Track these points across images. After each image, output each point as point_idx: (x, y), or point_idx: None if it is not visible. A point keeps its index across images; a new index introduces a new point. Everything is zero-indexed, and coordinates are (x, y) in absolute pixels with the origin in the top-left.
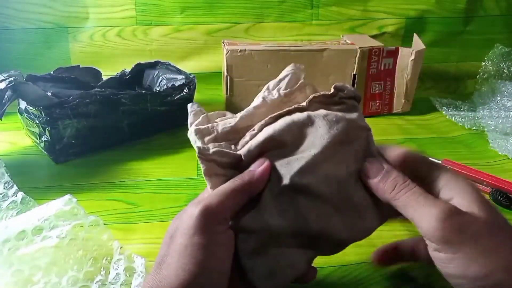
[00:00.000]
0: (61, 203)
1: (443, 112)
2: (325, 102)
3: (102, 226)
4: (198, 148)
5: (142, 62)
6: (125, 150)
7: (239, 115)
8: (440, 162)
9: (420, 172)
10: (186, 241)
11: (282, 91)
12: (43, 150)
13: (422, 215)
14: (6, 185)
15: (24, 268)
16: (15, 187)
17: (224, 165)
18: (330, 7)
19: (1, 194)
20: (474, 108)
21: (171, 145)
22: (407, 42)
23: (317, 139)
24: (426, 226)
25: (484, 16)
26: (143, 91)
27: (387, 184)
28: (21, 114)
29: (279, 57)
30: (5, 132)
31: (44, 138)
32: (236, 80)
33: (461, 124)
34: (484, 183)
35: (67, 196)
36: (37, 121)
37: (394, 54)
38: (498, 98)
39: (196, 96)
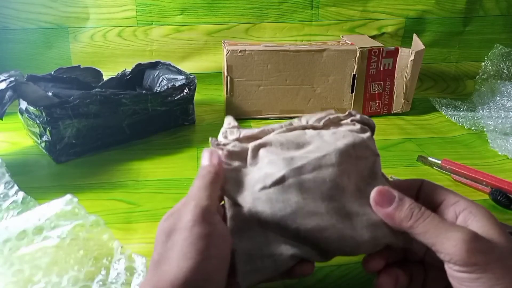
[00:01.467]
0: (62, 203)
1: (443, 112)
2: (338, 123)
3: (103, 226)
4: (212, 138)
5: (142, 62)
6: (125, 150)
7: (262, 127)
8: (439, 162)
9: (436, 199)
10: (186, 233)
11: (310, 121)
12: (44, 150)
13: (446, 240)
14: (6, 185)
15: (25, 268)
16: (15, 187)
17: (233, 156)
18: (330, 8)
19: (1, 194)
20: (473, 108)
21: (171, 145)
22: (407, 43)
23: (324, 145)
24: (452, 250)
25: (484, 16)
26: (144, 91)
27: (403, 213)
28: (21, 114)
29: (279, 57)
30: (6, 132)
31: (44, 138)
32: (236, 80)
33: (460, 124)
34: (484, 183)
35: (68, 196)
36: (37, 121)
37: (393, 54)
38: (498, 98)
39: (196, 96)
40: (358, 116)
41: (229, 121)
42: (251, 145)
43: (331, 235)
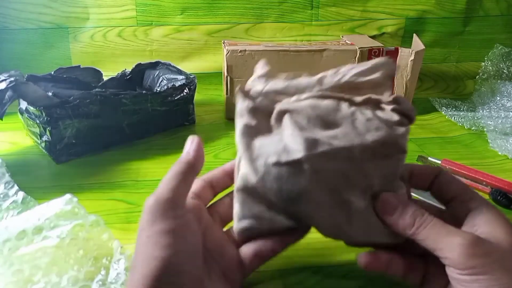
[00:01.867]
0: (62, 203)
1: (443, 112)
2: (379, 106)
3: (103, 226)
4: (239, 87)
5: (142, 62)
6: (125, 150)
7: (289, 79)
8: (439, 162)
9: (450, 192)
10: (148, 232)
11: (346, 77)
12: (44, 150)
13: (445, 245)
14: (7, 185)
15: (25, 268)
16: (15, 187)
17: (257, 113)
18: (330, 8)
19: (1, 194)
20: (473, 108)
21: (171, 145)
22: (407, 43)
23: (352, 134)
24: (451, 255)
25: (484, 16)
26: (144, 91)
27: (406, 220)
28: (21, 114)
29: (279, 58)
30: (6, 132)
31: (44, 138)
32: (236, 80)
33: (460, 124)
34: (484, 183)
35: (68, 196)
36: (37, 121)
37: (393, 54)
38: (498, 98)
39: (196, 96)
40: (402, 105)
41: (261, 65)
42: (277, 107)
43: (328, 227)
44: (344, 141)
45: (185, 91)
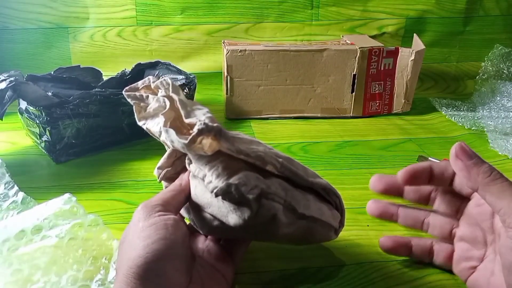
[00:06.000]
0: (61, 202)
1: (443, 112)
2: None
3: (102, 225)
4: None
5: (142, 62)
6: (125, 150)
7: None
8: (438, 161)
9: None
10: (134, 228)
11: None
12: (44, 150)
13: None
14: (7, 185)
15: (24, 268)
16: (15, 187)
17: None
18: (330, 7)
19: (1, 194)
20: (473, 108)
21: None
22: (407, 42)
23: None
24: None
25: (484, 16)
26: None
27: (482, 169)
28: (21, 114)
29: (279, 57)
30: (6, 132)
31: (44, 138)
32: (236, 80)
33: (461, 124)
34: None
35: (67, 195)
36: (37, 121)
37: (394, 54)
38: (498, 98)
39: (196, 96)
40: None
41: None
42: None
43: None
44: (220, 215)
45: (185, 91)
